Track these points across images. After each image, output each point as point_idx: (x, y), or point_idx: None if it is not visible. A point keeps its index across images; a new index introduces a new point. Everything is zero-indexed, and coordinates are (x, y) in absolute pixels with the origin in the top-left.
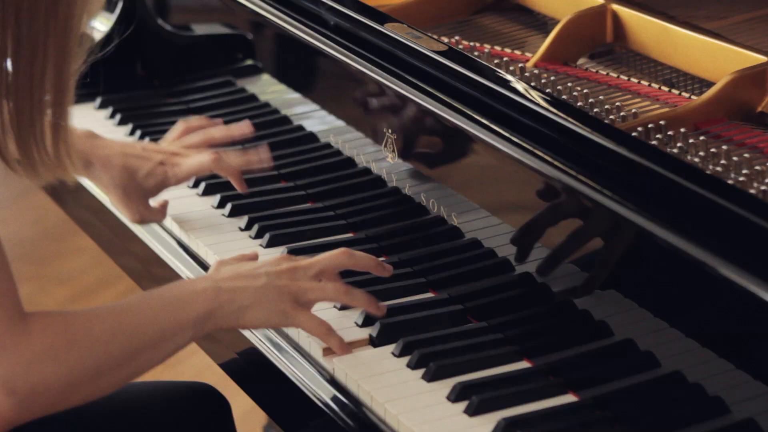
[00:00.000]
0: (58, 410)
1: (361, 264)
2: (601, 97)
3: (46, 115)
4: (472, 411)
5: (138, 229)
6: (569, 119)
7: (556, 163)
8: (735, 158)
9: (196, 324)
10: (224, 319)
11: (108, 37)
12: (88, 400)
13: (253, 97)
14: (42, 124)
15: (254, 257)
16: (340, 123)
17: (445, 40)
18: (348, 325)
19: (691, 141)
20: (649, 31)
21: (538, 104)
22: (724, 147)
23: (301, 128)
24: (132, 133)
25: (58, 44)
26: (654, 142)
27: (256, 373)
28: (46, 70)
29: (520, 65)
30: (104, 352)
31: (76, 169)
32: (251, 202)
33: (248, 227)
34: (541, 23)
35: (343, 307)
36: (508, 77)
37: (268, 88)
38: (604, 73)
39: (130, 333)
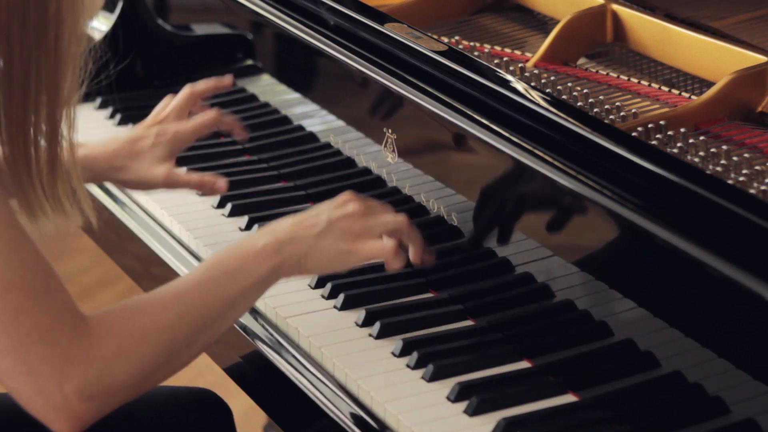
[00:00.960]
0: (135, 397)
1: (414, 237)
2: (601, 97)
3: (41, 149)
4: (472, 411)
5: (138, 229)
6: (569, 119)
7: (556, 163)
8: (735, 158)
9: (261, 283)
10: (288, 270)
11: (105, 65)
12: (165, 380)
13: (253, 97)
14: (39, 162)
15: None
16: (340, 123)
17: (445, 40)
18: (348, 324)
19: (691, 141)
20: (649, 31)
21: (538, 104)
22: (724, 147)
23: (301, 128)
24: None
25: (49, 73)
26: (654, 142)
27: (256, 374)
28: (40, 101)
29: (520, 65)
30: (172, 337)
31: (76, 216)
32: (251, 202)
33: (248, 227)
34: (541, 23)
35: (342, 308)
36: (508, 77)
37: (268, 88)
38: (604, 73)
39: (196, 312)
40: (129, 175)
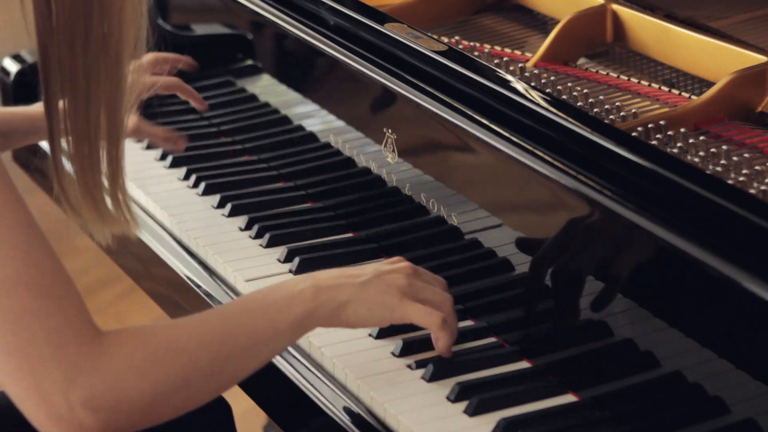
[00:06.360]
0: (148, 425)
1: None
2: (601, 97)
3: (102, 159)
4: (472, 411)
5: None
6: (569, 119)
7: (556, 163)
8: (735, 158)
9: (294, 327)
10: (324, 318)
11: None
12: (182, 412)
13: (253, 97)
14: (100, 169)
15: None
16: (340, 123)
17: (445, 40)
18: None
19: (691, 141)
20: (649, 31)
21: (538, 104)
22: (724, 147)
23: (301, 128)
24: None
25: (110, 82)
26: (654, 142)
27: (256, 374)
28: (101, 110)
29: (520, 65)
30: (191, 362)
31: (134, 222)
32: (251, 202)
33: (248, 227)
34: (541, 23)
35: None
36: (508, 77)
37: (268, 88)
38: (604, 73)
39: (220, 341)
40: None
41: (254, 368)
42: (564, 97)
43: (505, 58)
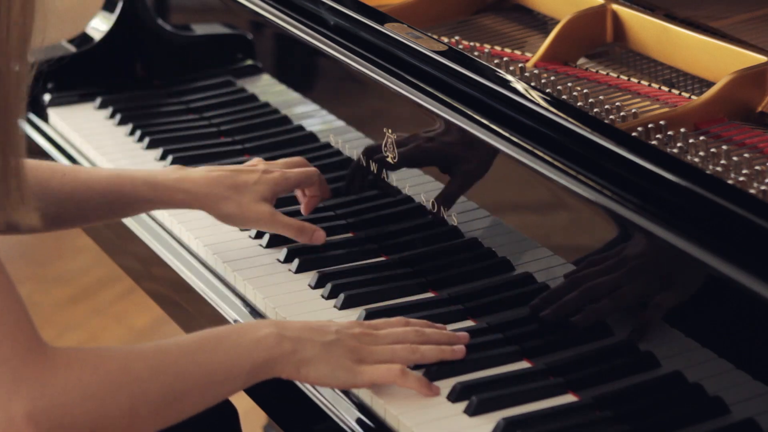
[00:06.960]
0: None
1: (428, 357)
2: (601, 97)
3: None
4: (472, 411)
5: (138, 229)
6: (569, 119)
7: (556, 163)
8: (735, 158)
9: (252, 371)
10: (283, 369)
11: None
12: None
13: (253, 97)
14: None
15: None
16: (340, 123)
17: (445, 40)
18: None
19: (691, 141)
20: (649, 31)
21: (538, 104)
22: (724, 147)
23: (301, 128)
24: (132, 132)
25: None
26: (654, 142)
27: None
28: None
29: (520, 65)
30: (141, 392)
31: (30, 213)
32: None
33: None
34: (541, 23)
35: (342, 307)
36: (508, 77)
37: (268, 88)
38: (604, 73)
39: (174, 375)
40: (229, 206)
41: (204, 407)
42: (564, 97)
43: (505, 58)
